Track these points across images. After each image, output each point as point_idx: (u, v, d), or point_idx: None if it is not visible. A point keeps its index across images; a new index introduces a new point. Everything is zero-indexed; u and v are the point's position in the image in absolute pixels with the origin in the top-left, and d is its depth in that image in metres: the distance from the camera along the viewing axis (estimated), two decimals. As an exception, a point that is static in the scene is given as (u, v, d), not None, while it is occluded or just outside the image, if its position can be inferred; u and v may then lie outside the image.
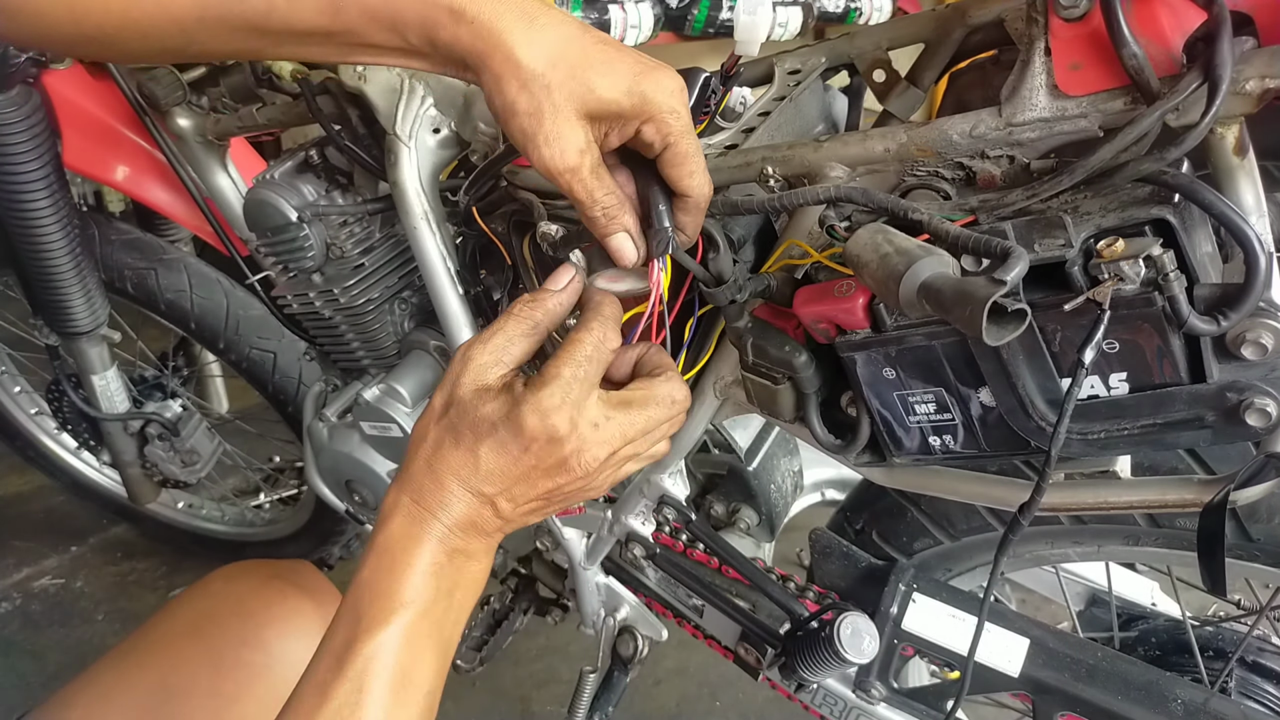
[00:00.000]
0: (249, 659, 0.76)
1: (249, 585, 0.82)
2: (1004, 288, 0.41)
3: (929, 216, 0.50)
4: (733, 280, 0.62)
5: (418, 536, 0.50)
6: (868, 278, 0.50)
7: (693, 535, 0.97)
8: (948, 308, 0.43)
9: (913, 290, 0.45)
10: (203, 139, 1.07)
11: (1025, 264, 0.44)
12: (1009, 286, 0.42)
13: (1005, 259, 0.45)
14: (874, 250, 0.48)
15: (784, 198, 0.56)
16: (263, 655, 0.76)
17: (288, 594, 0.81)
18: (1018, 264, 0.44)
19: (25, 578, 1.74)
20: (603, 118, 0.50)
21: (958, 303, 0.42)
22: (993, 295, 0.41)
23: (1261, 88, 0.47)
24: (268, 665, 0.76)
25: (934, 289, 0.44)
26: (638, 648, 1.07)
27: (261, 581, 0.83)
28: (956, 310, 0.42)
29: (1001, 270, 0.43)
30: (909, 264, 0.46)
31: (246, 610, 0.79)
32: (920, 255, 0.46)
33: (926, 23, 0.66)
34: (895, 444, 0.63)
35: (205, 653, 0.76)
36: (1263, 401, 0.48)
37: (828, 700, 0.95)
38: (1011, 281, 0.43)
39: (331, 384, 1.15)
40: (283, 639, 0.78)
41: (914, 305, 0.46)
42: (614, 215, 0.53)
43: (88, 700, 0.72)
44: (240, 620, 0.79)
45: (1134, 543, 0.85)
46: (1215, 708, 0.78)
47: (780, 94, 0.71)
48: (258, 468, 1.70)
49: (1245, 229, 0.45)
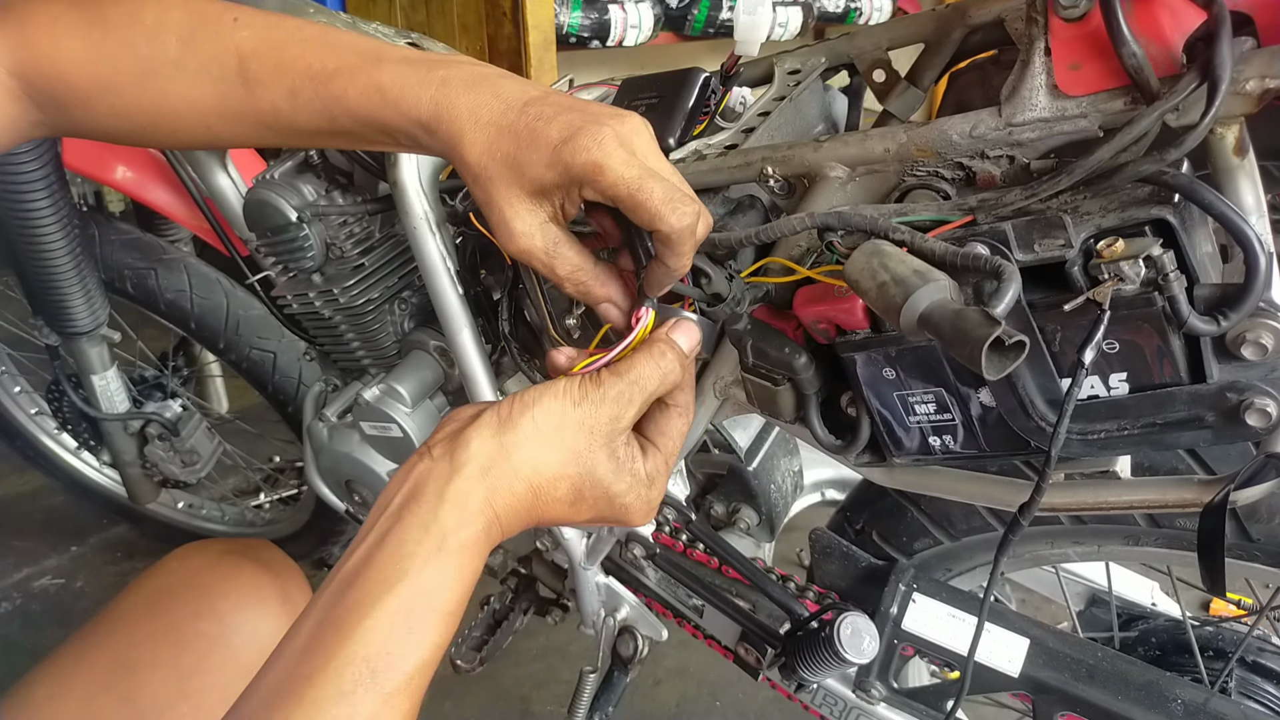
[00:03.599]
0: (206, 630, 0.77)
1: (204, 560, 0.83)
2: (998, 328, 0.41)
3: (911, 237, 0.50)
4: (731, 296, 0.61)
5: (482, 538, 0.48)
6: (868, 303, 0.50)
7: (693, 535, 0.97)
8: (948, 343, 0.43)
9: (913, 322, 0.45)
10: (203, 139, 1.07)
11: (1017, 288, 0.44)
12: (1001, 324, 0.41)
13: (996, 276, 0.45)
14: (871, 278, 0.48)
15: (764, 231, 0.57)
16: (219, 626, 0.77)
17: (243, 567, 0.82)
18: (1009, 290, 0.44)
19: (25, 578, 1.74)
20: (545, 194, 0.51)
21: (956, 340, 0.42)
22: (989, 337, 0.41)
23: (1261, 88, 0.47)
24: (224, 635, 0.77)
25: (933, 323, 0.44)
26: (638, 648, 1.07)
27: (216, 557, 0.83)
28: (956, 348, 0.42)
29: (994, 300, 0.43)
30: (905, 296, 0.46)
31: (202, 584, 0.80)
32: (916, 285, 0.46)
33: (926, 23, 0.66)
34: (895, 444, 0.63)
35: (163, 627, 0.77)
36: (1263, 401, 0.48)
37: (828, 700, 0.95)
38: (1005, 310, 0.42)
39: (331, 384, 1.15)
40: (239, 610, 0.79)
41: (916, 333, 0.46)
42: (586, 290, 0.54)
43: (50, 681, 0.73)
44: (197, 594, 0.79)
45: (1134, 543, 0.85)
46: (1215, 708, 0.78)
47: (780, 94, 0.71)
48: (258, 468, 1.70)
49: (1245, 229, 0.45)
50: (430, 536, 0.45)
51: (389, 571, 0.45)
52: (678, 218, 0.49)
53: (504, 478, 0.48)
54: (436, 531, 0.46)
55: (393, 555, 0.45)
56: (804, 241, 0.63)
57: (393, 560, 0.45)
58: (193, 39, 0.54)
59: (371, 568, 0.45)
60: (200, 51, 0.53)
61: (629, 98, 0.72)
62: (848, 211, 0.53)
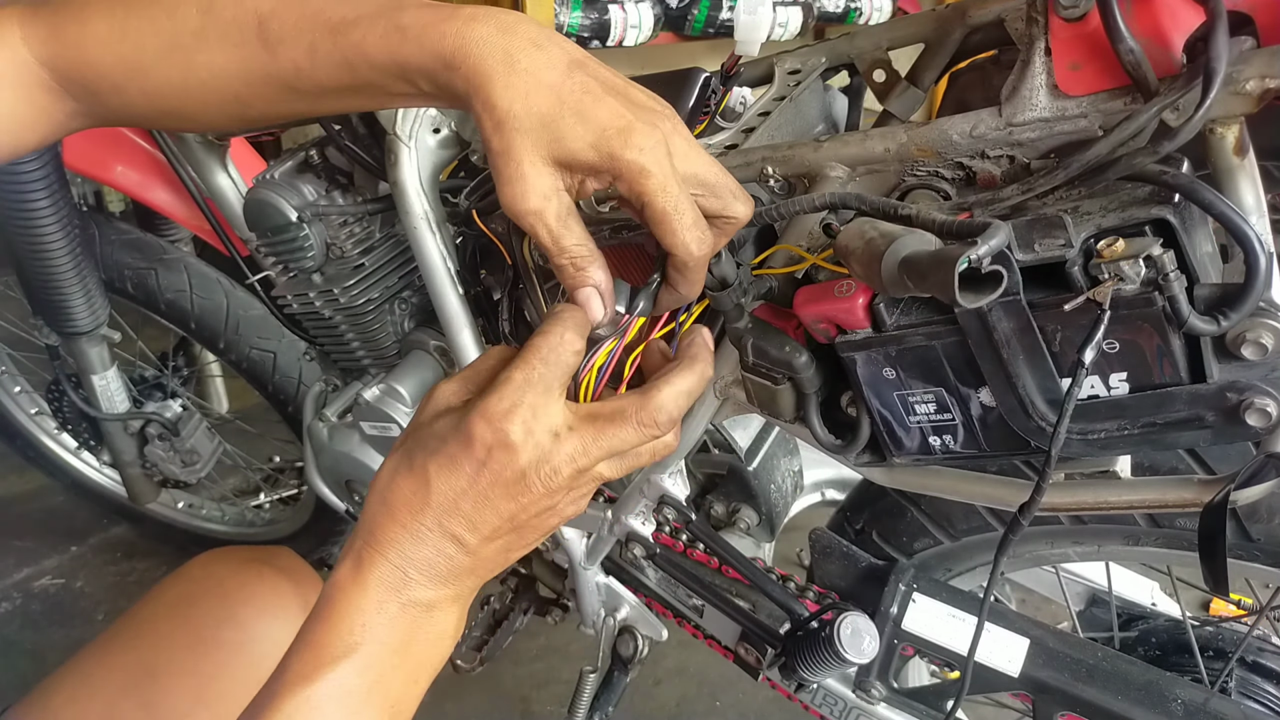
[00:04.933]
0: (227, 638, 0.77)
1: (227, 568, 0.83)
2: (976, 249, 0.41)
3: (918, 211, 0.50)
4: (737, 284, 0.61)
5: (363, 581, 0.46)
6: (855, 264, 0.49)
7: (693, 535, 0.97)
8: (925, 275, 0.43)
9: (894, 267, 0.45)
10: (203, 139, 1.07)
11: (1005, 235, 0.44)
12: (983, 249, 0.41)
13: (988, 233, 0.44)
14: (860, 237, 0.48)
15: (779, 207, 0.56)
16: (240, 634, 0.77)
17: (265, 575, 0.82)
18: (997, 234, 0.43)
19: (25, 578, 1.74)
20: (572, 167, 0.49)
21: (933, 268, 0.42)
22: (964, 254, 0.40)
23: (1261, 88, 0.47)
24: (245, 643, 0.77)
25: (912, 261, 0.44)
26: (638, 648, 1.07)
27: (239, 564, 0.84)
28: (932, 276, 0.42)
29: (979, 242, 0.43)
30: (890, 243, 0.46)
31: (224, 591, 0.80)
32: (901, 234, 0.46)
33: (926, 23, 0.66)
34: (895, 444, 0.63)
35: (184, 633, 0.77)
36: (1263, 401, 0.48)
37: (828, 700, 0.95)
38: (989, 249, 0.42)
39: (331, 384, 1.15)
40: (260, 618, 0.79)
41: (897, 283, 0.46)
42: (582, 267, 0.50)
43: (71, 685, 0.73)
44: (218, 601, 0.79)
45: (1134, 543, 0.85)
46: (1215, 708, 0.78)
47: (780, 94, 0.71)
48: (258, 468, 1.70)
49: (1245, 229, 0.45)
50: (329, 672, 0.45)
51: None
52: (697, 245, 0.48)
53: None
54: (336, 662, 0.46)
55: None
56: (804, 241, 0.63)
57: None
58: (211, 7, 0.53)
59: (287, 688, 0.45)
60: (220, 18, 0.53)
61: (629, 98, 0.72)
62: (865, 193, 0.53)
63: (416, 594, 0.47)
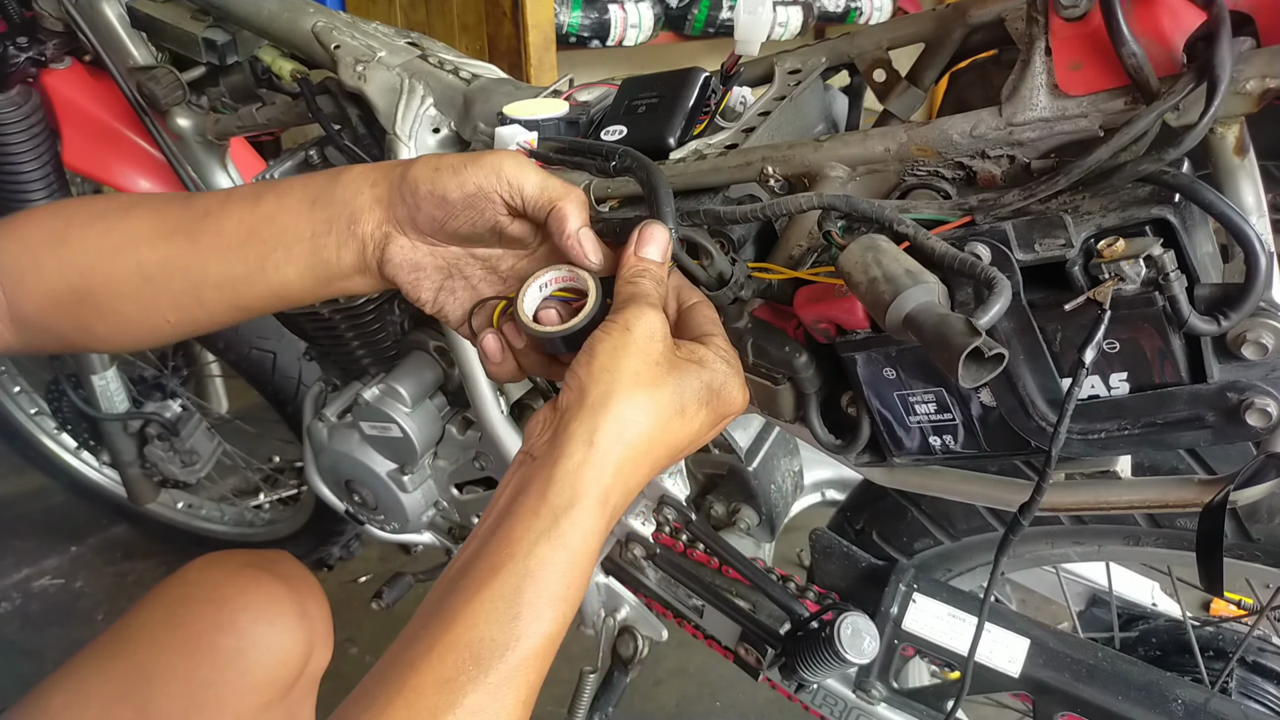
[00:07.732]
0: (224, 644, 0.77)
1: (224, 573, 0.83)
2: (978, 339, 0.41)
3: (915, 231, 0.50)
4: (734, 280, 0.61)
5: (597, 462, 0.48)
6: (857, 296, 0.50)
7: (693, 535, 0.97)
8: (928, 346, 0.43)
9: (898, 321, 0.46)
10: (203, 139, 1.07)
11: (1006, 301, 0.44)
12: (982, 335, 0.41)
13: (988, 286, 0.45)
14: (863, 272, 0.48)
15: (769, 206, 0.56)
16: (237, 640, 0.77)
17: (261, 581, 0.82)
18: (996, 303, 0.44)
19: (25, 578, 1.74)
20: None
21: (936, 345, 0.42)
22: (968, 347, 0.41)
23: (1261, 88, 0.47)
24: (241, 650, 0.77)
25: (917, 325, 0.44)
26: (638, 648, 1.07)
27: (236, 569, 0.83)
28: (936, 352, 0.43)
29: (981, 311, 0.43)
30: (894, 294, 0.46)
31: (221, 597, 0.80)
32: (906, 285, 0.46)
33: (927, 22, 0.66)
34: (895, 444, 0.63)
35: (180, 639, 0.77)
36: (1263, 401, 0.48)
37: (828, 700, 0.95)
38: (989, 322, 0.43)
39: (331, 384, 1.15)
40: (256, 624, 0.78)
41: (900, 332, 0.46)
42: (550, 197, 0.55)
43: (67, 690, 0.73)
44: (215, 606, 0.79)
45: (1134, 543, 0.85)
46: (1215, 708, 0.78)
47: (780, 94, 0.71)
48: (258, 468, 1.70)
49: (1246, 229, 0.45)
50: (540, 519, 0.45)
51: (496, 558, 0.44)
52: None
53: (608, 444, 0.47)
54: (546, 514, 0.45)
55: (501, 542, 0.44)
56: (805, 242, 0.63)
57: (501, 546, 0.44)
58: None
59: (480, 558, 0.44)
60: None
61: (629, 98, 0.72)
62: (855, 198, 0.53)
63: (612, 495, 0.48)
